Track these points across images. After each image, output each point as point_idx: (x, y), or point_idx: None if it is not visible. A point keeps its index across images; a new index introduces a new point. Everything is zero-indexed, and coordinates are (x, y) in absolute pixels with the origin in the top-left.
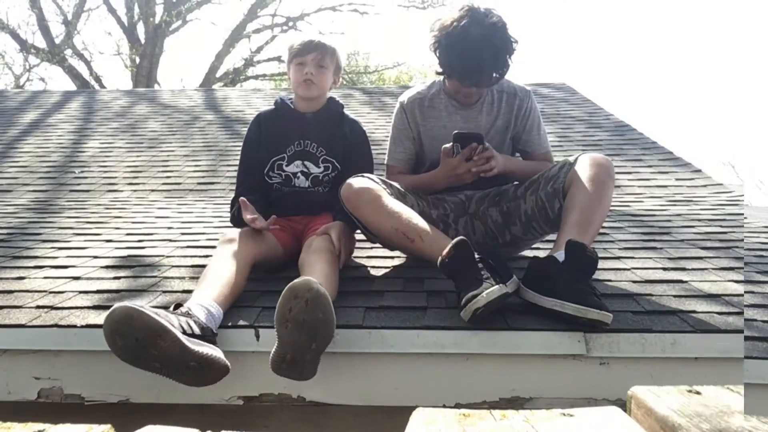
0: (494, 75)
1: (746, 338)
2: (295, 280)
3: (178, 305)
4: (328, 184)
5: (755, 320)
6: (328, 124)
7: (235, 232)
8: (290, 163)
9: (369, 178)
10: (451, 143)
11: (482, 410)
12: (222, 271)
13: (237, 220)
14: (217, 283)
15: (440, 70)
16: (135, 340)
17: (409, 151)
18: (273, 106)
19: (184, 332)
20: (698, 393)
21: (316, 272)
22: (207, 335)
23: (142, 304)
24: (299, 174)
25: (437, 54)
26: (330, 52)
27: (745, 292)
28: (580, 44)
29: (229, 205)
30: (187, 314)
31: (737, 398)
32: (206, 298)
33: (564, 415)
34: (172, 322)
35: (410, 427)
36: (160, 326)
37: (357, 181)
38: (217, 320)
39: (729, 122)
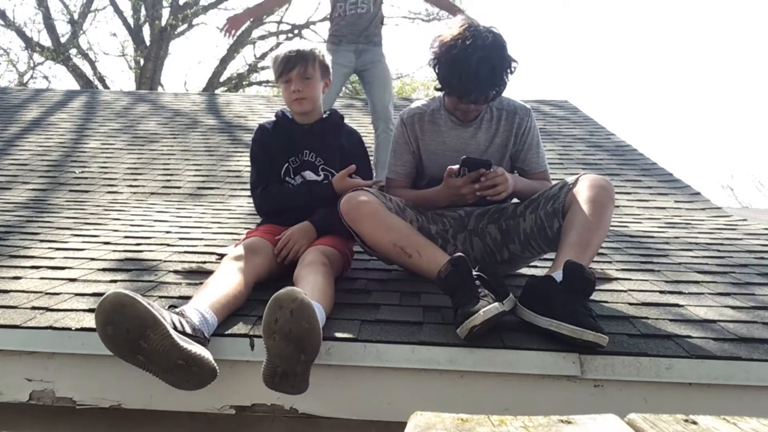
0: (491, 93)
1: (748, 340)
2: (280, 291)
3: (171, 307)
4: None
5: (756, 322)
6: (326, 134)
7: (241, 249)
8: (291, 174)
9: (368, 191)
10: (458, 165)
11: (480, 416)
12: (223, 282)
13: (270, 203)
14: (216, 292)
15: (439, 86)
16: (126, 331)
17: (409, 164)
18: (274, 118)
19: (175, 328)
20: (695, 423)
21: (309, 285)
22: (198, 336)
23: (135, 293)
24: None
25: (437, 70)
26: (311, 58)
27: (746, 293)
28: (582, 61)
29: (258, 197)
30: (180, 314)
31: (733, 430)
32: (202, 305)
33: (562, 421)
34: (163, 315)
35: (408, 431)
36: (151, 316)
37: (356, 195)
38: (210, 326)
39: (729, 125)
